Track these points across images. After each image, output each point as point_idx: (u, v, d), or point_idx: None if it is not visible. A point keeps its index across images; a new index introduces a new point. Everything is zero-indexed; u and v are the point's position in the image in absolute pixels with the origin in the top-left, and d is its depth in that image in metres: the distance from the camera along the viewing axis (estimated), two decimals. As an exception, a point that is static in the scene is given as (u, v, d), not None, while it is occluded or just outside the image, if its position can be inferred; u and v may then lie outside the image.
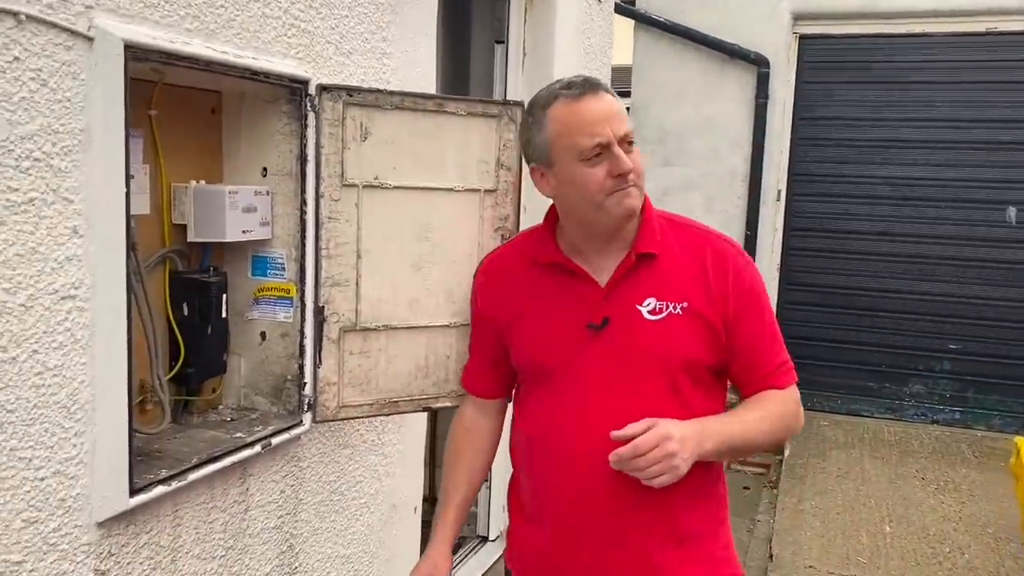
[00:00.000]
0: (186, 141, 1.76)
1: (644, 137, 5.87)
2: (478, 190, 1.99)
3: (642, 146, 5.48)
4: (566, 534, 1.49)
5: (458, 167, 1.98)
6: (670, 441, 1.31)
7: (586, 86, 1.41)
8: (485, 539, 3.60)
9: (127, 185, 1.37)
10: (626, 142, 1.41)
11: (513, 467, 1.66)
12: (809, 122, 5.72)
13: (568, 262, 1.51)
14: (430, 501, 4.01)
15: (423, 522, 2.65)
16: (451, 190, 1.97)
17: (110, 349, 1.38)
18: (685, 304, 1.43)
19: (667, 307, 1.43)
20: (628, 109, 5.87)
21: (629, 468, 1.33)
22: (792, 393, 1.49)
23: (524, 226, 2.08)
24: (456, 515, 1.67)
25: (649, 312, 1.44)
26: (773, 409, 1.46)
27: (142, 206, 1.60)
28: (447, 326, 2.01)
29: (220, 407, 1.90)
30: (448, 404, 2.07)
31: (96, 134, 1.33)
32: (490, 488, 3.54)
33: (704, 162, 5.80)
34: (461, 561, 3.34)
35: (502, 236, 2.00)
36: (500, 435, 1.74)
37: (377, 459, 2.26)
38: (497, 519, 3.54)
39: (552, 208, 1.58)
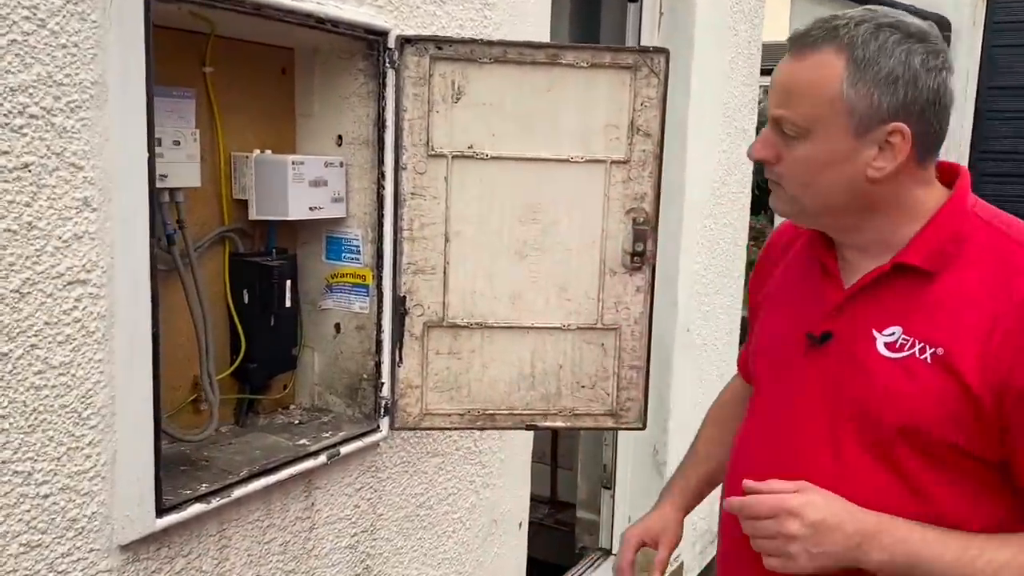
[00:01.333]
0: (251, 104, 1.53)
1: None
2: (603, 161, 1.66)
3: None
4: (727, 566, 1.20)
5: (578, 133, 1.65)
6: (792, 520, 0.96)
7: (791, 41, 1.03)
8: (608, 552, 3.28)
9: (150, 149, 1.14)
10: (777, 126, 1.03)
11: None
12: (997, 93, 4.97)
13: (823, 250, 1.11)
14: (554, 504, 3.75)
15: (535, 535, 2.37)
16: (567, 161, 1.65)
17: (133, 343, 1.17)
18: (940, 350, 0.99)
19: (914, 345, 1.00)
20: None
21: (744, 528, 0.99)
22: None
23: (667, 207, 1.73)
24: (699, 485, 1.35)
25: (886, 345, 1.02)
26: None
27: (191, 177, 1.39)
28: (560, 328, 1.70)
29: (291, 407, 1.68)
30: (560, 424, 1.76)
31: (112, 88, 1.11)
32: (613, 497, 3.22)
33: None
34: (580, 574, 3.04)
35: (635, 220, 1.66)
36: None
37: (474, 468, 1.99)
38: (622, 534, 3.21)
39: None
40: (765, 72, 3.72)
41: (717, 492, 1.32)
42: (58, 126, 1.06)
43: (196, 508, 1.28)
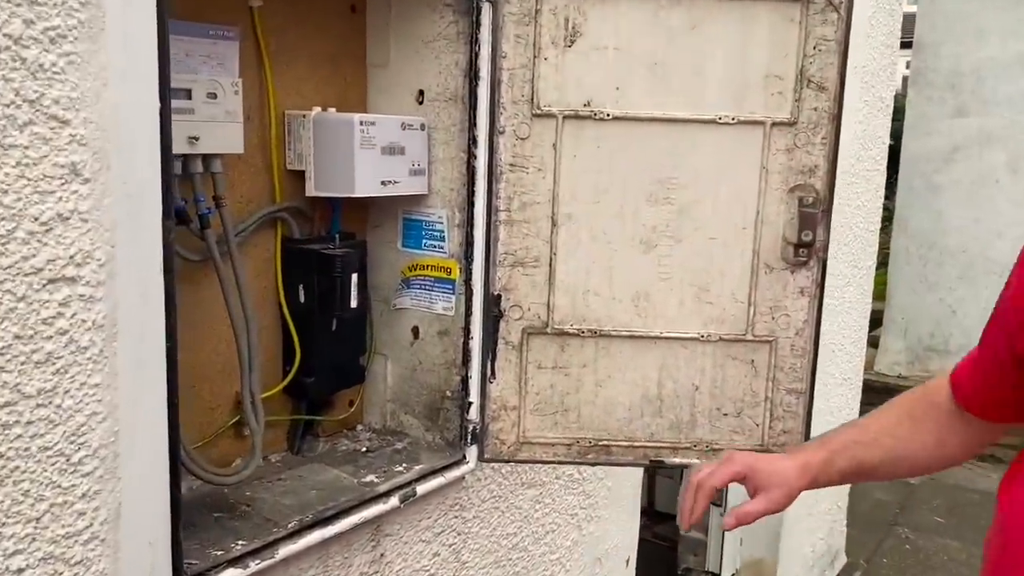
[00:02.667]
0: (311, 49, 1.21)
1: (931, 82, 4.74)
2: (761, 123, 1.28)
3: (930, 93, 4.36)
4: None
5: (728, 85, 1.27)
6: None
7: None
8: (716, 577, 2.90)
9: (164, 96, 0.83)
10: None
11: None
12: None
13: None
14: (651, 515, 3.31)
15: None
16: (713, 122, 1.27)
17: (142, 361, 0.86)
18: None
19: None
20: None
21: None
22: None
23: (842, 181, 1.36)
24: (847, 465, 1.03)
25: None
26: None
27: (232, 141, 1.07)
28: (697, 339, 1.33)
29: (358, 428, 1.36)
30: (695, 461, 1.40)
31: (111, 10, 0.80)
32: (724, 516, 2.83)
33: (1011, 110, 4.56)
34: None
35: (801, 201, 1.28)
36: (950, 461, 1.06)
37: (576, 500, 1.65)
38: (732, 555, 2.83)
39: None
40: (904, 45, 3.20)
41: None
42: (31, 63, 0.75)
43: (230, 574, 0.97)
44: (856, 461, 1.03)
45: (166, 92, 0.83)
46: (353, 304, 1.16)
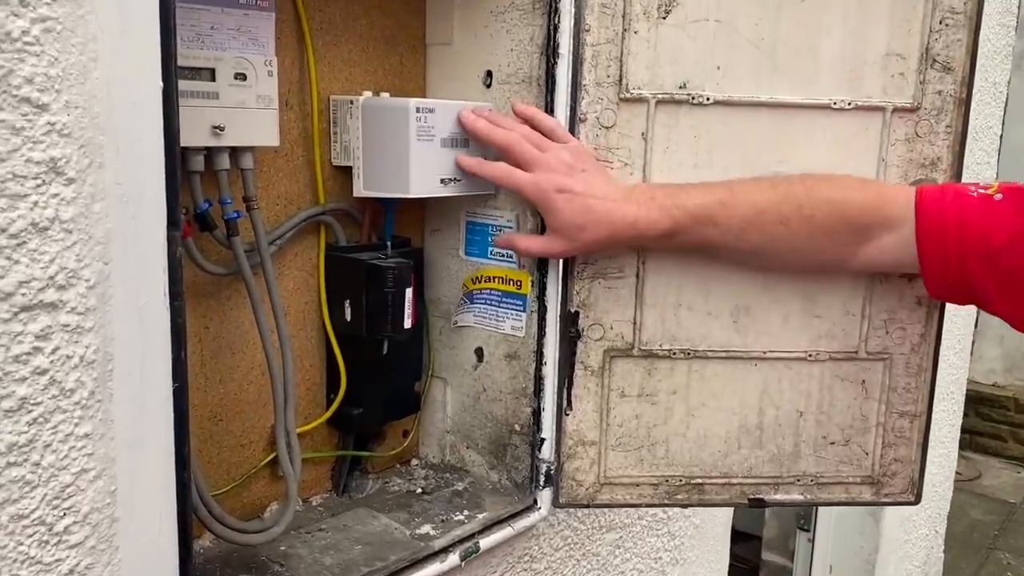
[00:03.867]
0: (361, 24, 1.03)
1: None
2: (880, 108, 1.08)
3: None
4: None
5: (843, 65, 1.08)
6: None
7: None
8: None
9: (167, 75, 0.66)
10: None
11: None
12: None
13: None
14: (736, 534, 3.04)
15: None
16: (827, 108, 1.08)
17: (143, 405, 0.70)
18: None
19: None
20: None
21: None
22: None
23: (969, 178, 1.14)
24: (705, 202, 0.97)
25: None
26: None
27: (266, 131, 0.90)
28: (804, 358, 1.13)
29: (413, 462, 1.19)
30: (797, 498, 1.20)
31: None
32: (812, 542, 2.59)
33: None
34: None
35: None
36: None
37: (660, 542, 1.45)
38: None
39: None
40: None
41: None
42: (-9, 23, 0.59)
43: (256, 655, 0.81)
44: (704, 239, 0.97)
45: (170, 67, 0.66)
46: (408, 324, 0.98)
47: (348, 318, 1.00)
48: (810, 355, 1.15)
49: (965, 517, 3.50)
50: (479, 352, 1.13)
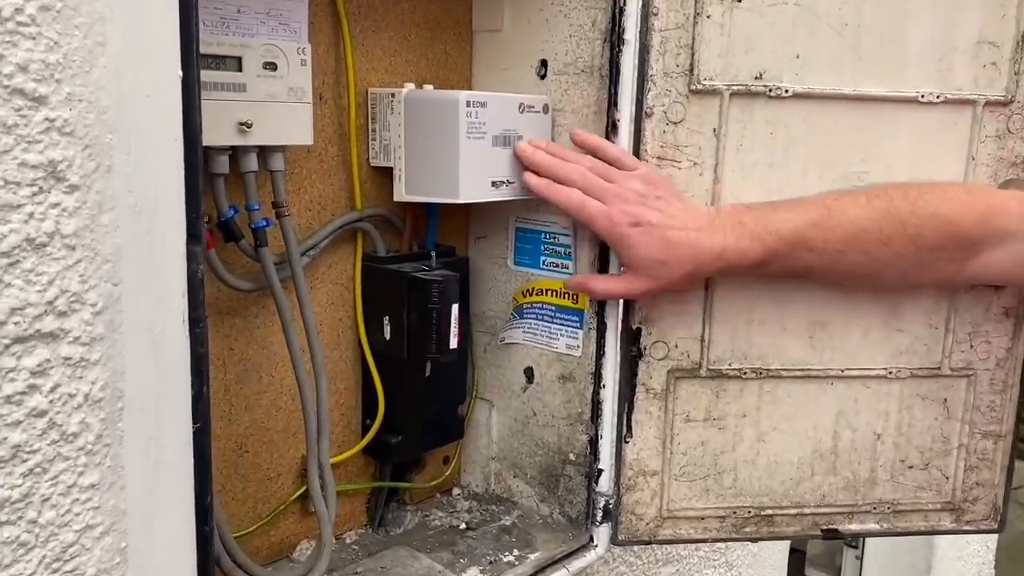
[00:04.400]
0: (403, 10, 0.93)
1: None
2: (971, 102, 0.98)
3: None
4: None
5: (931, 53, 0.97)
6: None
7: None
8: (844, 626, 2.55)
9: (188, 63, 0.56)
10: None
11: None
12: None
13: None
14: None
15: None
16: (913, 101, 0.97)
17: (159, 452, 0.60)
18: None
19: None
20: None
21: None
22: None
23: None
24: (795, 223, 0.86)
25: None
26: None
27: (298, 128, 0.80)
28: (883, 376, 1.03)
29: (455, 492, 1.08)
30: (873, 527, 1.09)
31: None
32: (860, 559, 2.47)
33: None
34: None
35: None
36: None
37: (717, 573, 1.34)
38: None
39: None
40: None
41: None
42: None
43: None
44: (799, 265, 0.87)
45: (191, 53, 0.55)
46: (454, 343, 0.88)
47: (387, 336, 0.90)
48: (890, 372, 1.04)
49: (1011, 529, 3.37)
50: (529, 372, 1.02)
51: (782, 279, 0.98)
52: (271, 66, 0.76)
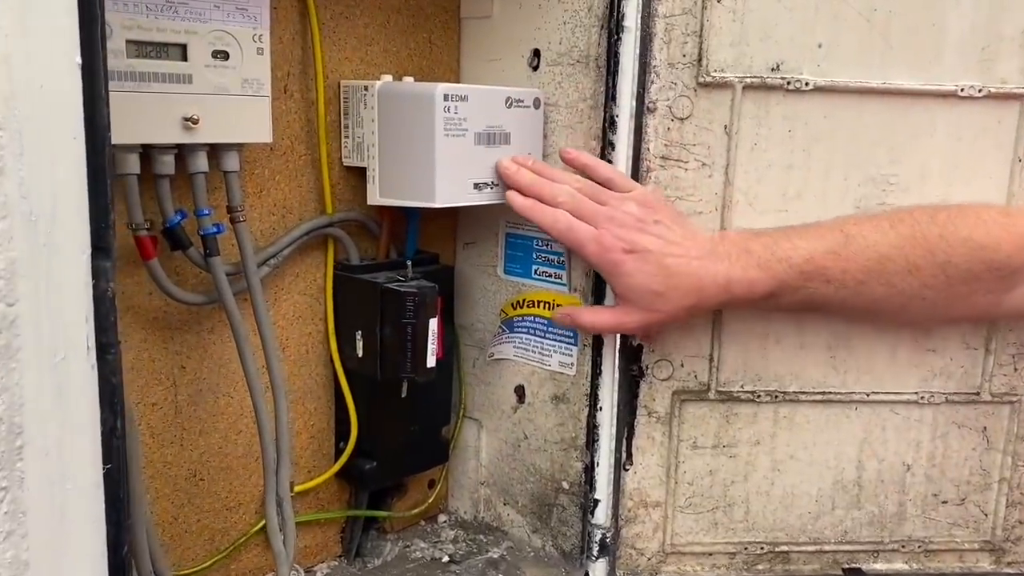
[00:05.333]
0: (379, -7, 0.85)
1: None
2: (1018, 96, 0.88)
3: None
4: None
5: (972, 43, 0.87)
6: None
7: None
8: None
9: (90, 34, 0.48)
10: None
11: None
12: None
13: None
14: None
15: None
16: (952, 95, 0.87)
17: (63, 499, 0.52)
18: None
19: None
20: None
21: None
22: None
23: None
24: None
25: None
26: None
27: (254, 124, 0.72)
28: (914, 401, 0.94)
29: (440, 519, 1.00)
30: (902, 568, 1.00)
31: None
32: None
33: None
34: None
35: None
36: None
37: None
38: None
39: None
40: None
41: None
42: None
43: None
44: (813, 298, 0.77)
45: (95, 35, 0.47)
46: (431, 363, 0.79)
47: (359, 353, 0.82)
48: (921, 397, 0.95)
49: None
50: (520, 391, 0.94)
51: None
52: (221, 55, 0.68)
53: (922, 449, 0.97)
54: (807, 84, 0.85)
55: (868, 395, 0.94)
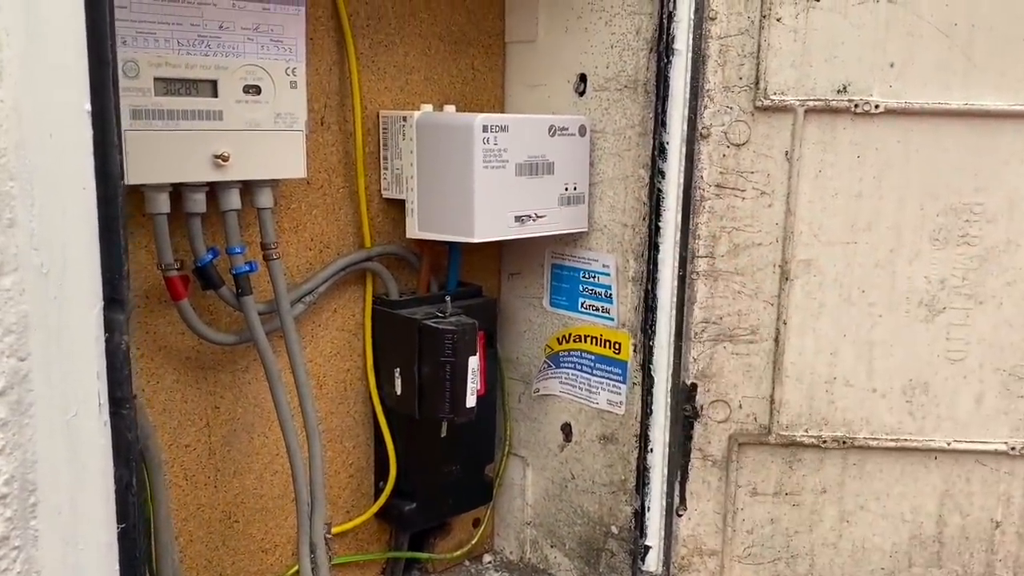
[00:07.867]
0: (421, 20, 0.82)
1: None
2: None
3: None
4: None
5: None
6: None
7: None
8: None
9: (101, 79, 0.46)
10: None
11: None
12: None
13: None
14: None
15: None
16: (1045, 117, 0.79)
17: (78, 556, 0.50)
18: None
19: None
20: None
21: None
22: None
23: None
24: None
25: None
26: None
27: (288, 159, 0.70)
28: (1004, 452, 0.87)
29: (486, 559, 0.97)
30: (982, 633, 0.91)
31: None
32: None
33: None
34: None
35: None
36: None
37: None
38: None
39: None
40: None
41: None
42: None
43: None
44: None
45: (105, 80, 0.46)
46: (471, 402, 0.76)
47: (398, 391, 0.79)
48: (1012, 448, 0.87)
49: None
50: (567, 429, 0.89)
51: (871, 328, 0.82)
52: (253, 89, 0.66)
53: (1013, 505, 0.89)
54: (877, 106, 0.79)
55: (949, 444, 0.87)
